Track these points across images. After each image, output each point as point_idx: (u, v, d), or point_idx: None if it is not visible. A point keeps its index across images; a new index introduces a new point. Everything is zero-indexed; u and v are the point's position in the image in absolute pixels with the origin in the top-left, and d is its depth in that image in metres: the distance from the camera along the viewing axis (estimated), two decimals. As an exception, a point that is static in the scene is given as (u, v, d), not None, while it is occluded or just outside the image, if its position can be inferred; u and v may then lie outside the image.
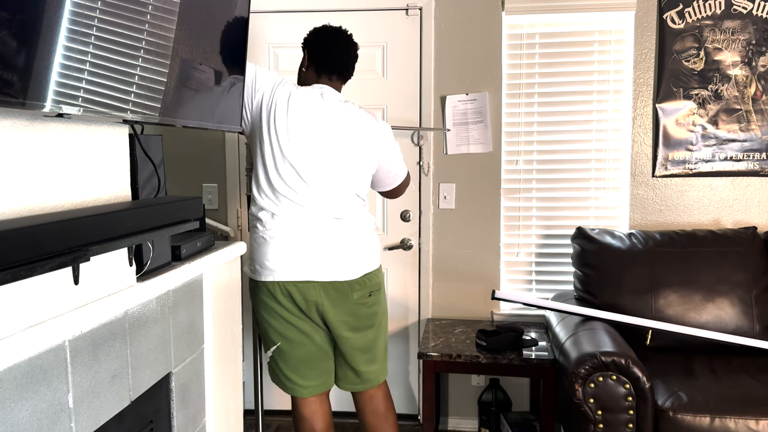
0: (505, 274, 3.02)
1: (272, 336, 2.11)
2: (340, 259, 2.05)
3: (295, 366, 2.11)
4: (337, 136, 2.05)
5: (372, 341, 2.16)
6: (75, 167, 1.26)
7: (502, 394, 2.79)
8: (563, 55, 2.88)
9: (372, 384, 2.20)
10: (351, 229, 2.07)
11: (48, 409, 1.09)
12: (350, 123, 2.07)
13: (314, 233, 2.03)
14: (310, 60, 2.15)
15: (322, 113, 2.05)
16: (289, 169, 2.01)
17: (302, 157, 2.01)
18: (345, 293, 2.06)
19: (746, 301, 2.51)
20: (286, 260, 2.02)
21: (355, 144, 2.07)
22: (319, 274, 2.03)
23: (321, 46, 2.13)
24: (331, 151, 2.04)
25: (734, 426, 2.02)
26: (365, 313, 2.11)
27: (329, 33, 2.15)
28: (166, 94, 1.49)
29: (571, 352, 2.19)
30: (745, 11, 2.76)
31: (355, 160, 2.07)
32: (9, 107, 0.99)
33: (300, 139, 2.01)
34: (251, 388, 3.10)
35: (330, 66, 2.13)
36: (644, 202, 2.89)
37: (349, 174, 2.07)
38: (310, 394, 2.15)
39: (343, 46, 2.14)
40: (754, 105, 2.79)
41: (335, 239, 2.04)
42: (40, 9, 1.02)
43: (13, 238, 0.91)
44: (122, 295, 1.32)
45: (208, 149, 3.09)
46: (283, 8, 2.96)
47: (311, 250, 2.02)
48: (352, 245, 2.07)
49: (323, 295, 2.04)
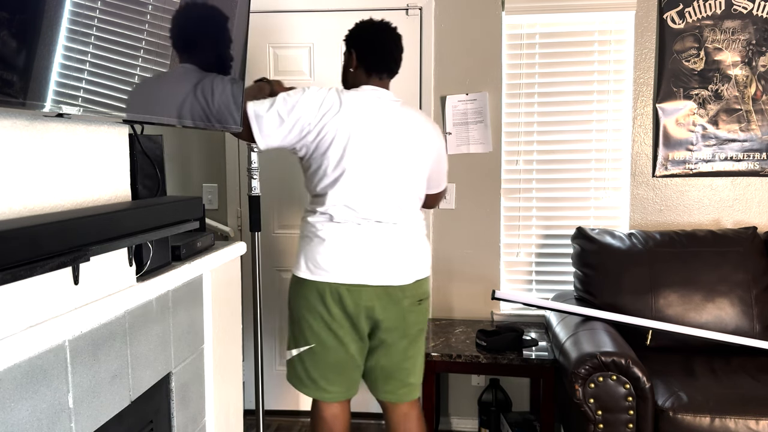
0: (505, 274, 3.02)
1: (307, 336, 2.02)
2: (393, 264, 1.98)
3: (324, 370, 2.04)
4: (398, 139, 1.98)
5: (416, 352, 2.10)
6: (75, 167, 1.26)
7: (502, 394, 2.79)
8: (563, 55, 2.88)
9: (406, 397, 2.11)
10: (406, 233, 2.01)
11: (48, 409, 1.09)
12: (408, 124, 2.00)
13: (370, 236, 1.96)
14: (359, 60, 2.03)
15: (379, 117, 1.96)
16: (348, 175, 1.93)
17: (361, 164, 1.93)
18: (397, 299, 1.99)
19: (746, 301, 2.51)
20: (341, 262, 1.95)
21: (415, 145, 2.01)
22: (372, 278, 1.96)
23: (370, 44, 2.03)
24: (392, 155, 1.97)
25: (734, 426, 2.02)
26: (413, 320, 2.04)
27: (377, 29, 2.04)
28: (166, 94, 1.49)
29: (571, 352, 2.19)
30: (745, 11, 2.76)
31: (415, 162, 2.01)
32: (9, 107, 0.99)
33: (359, 147, 1.93)
34: (251, 388, 3.10)
35: (381, 65, 2.03)
36: (644, 202, 2.89)
37: (410, 177, 2.01)
38: (333, 399, 2.09)
39: (393, 42, 2.05)
40: (754, 105, 2.79)
41: (390, 243, 1.98)
42: (40, 9, 1.02)
43: (13, 238, 0.91)
44: (122, 295, 1.32)
45: (208, 149, 3.09)
46: (283, 8, 2.96)
47: (366, 253, 1.96)
48: (406, 250, 2.01)
49: (375, 299, 1.97)
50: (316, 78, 2.98)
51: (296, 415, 3.15)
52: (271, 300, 3.11)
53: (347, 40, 2.07)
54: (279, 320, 3.13)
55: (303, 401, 3.15)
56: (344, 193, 1.95)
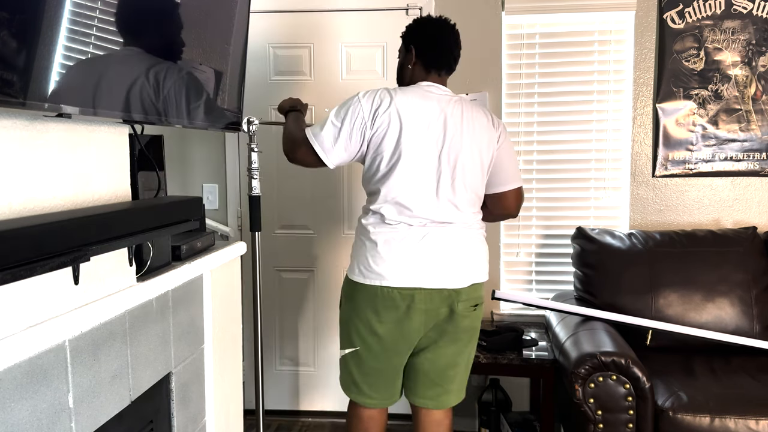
0: (505, 274, 3.02)
1: (354, 339, 1.98)
2: (448, 266, 1.91)
3: (367, 375, 2.00)
4: (452, 134, 1.92)
5: (463, 359, 2.02)
6: (75, 167, 1.26)
7: (502, 394, 2.79)
8: (563, 55, 2.88)
9: (443, 403, 2.04)
10: (462, 234, 1.94)
11: (48, 409, 1.09)
12: (465, 118, 1.94)
13: (423, 237, 1.90)
14: (418, 56, 2.00)
15: (433, 111, 1.91)
16: (400, 169, 1.89)
17: (414, 158, 1.89)
18: (451, 302, 1.92)
19: (746, 301, 2.51)
20: (393, 265, 1.89)
21: (471, 140, 1.94)
22: (426, 280, 1.89)
23: (431, 39, 2.00)
24: (447, 149, 1.91)
25: (734, 426, 2.02)
26: (466, 325, 1.97)
27: (437, 26, 2.01)
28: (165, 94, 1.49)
29: (571, 352, 2.19)
30: (745, 11, 2.76)
31: (470, 157, 1.94)
32: (9, 107, 0.99)
33: (412, 140, 1.88)
34: (251, 388, 3.10)
35: (441, 62, 2.00)
36: (644, 202, 2.89)
37: (466, 173, 1.93)
38: (374, 406, 2.04)
39: (453, 38, 2.02)
40: (754, 105, 2.79)
41: (445, 244, 1.91)
42: (40, 9, 1.02)
43: (13, 238, 0.91)
44: (122, 295, 1.32)
45: (208, 149, 3.09)
46: (283, 8, 2.96)
47: (419, 255, 1.89)
48: (461, 251, 1.93)
49: (429, 302, 1.90)
50: (316, 78, 2.98)
51: (296, 415, 3.15)
52: (271, 300, 3.11)
53: (405, 37, 2.05)
54: (279, 320, 3.13)
55: (303, 401, 3.16)
56: (396, 189, 1.89)
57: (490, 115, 2.03)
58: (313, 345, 3.12)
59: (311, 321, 3.11)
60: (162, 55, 1.46)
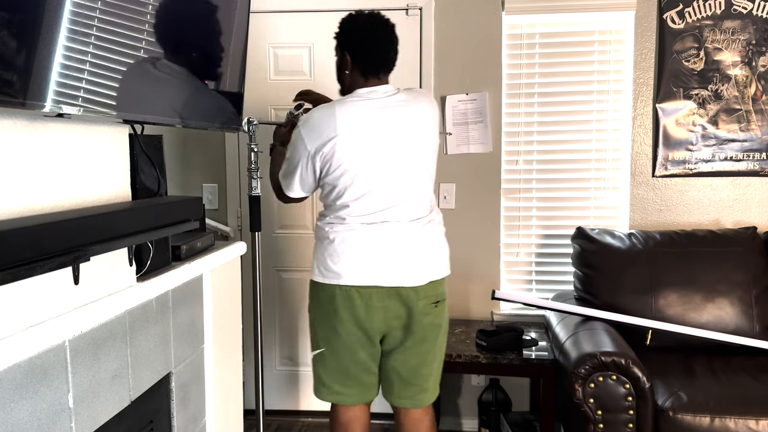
0: (505, 274, 3.02)
1: (319, 341, 2.02)
2: (405, 264, 1.92)
3: (335, 375, 2.02)
4: (398, 137, 1.91)
5: (432, 356, 2.02)
6: (75, 167, 1.26)
7: (502, 394, 2.79)
8: (563, 55, 2.88)
9: (420, 402, 2.05)
10: (419, 232, 1.95)
11: (48, 409, 1.09)
12: (407, 117, 1.93)
13: (380, 237, 1.92)
14: (354, 62, 1.94)
15: (375, 122, 1.90)
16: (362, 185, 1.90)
17: (367, 171, 1.90)
18: (410, 301, 1.93)
19: (746, 301, 2.51)
20: (350, 264, 1.91)
21: (416, 138, 1.93)
22: (382, 279, 1.91)
23: (363, 44, 1.94)
24: (394, 154, 1.91)
25: (734, 426, 2.02)
26: (428, 323, 1.97)
27: (369, 28, 1.94)
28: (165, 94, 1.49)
29: (571, 352, 2.19)
30: (745, 11, 2.76)
31: (419, 155, 1.95)
32: (9, 107, 0.99)
33: (362, 157, 1.89)
34: (251, 388, 3.10)
35: (378, 66, 1.95)
36: (644, 202, 2.89)
37: (417, 171, 1.95)
38: (348, 403, 2.05)
39: (388, 38, 1.95)
40: (754, 105, 2.79)
41: (401, 243, 1.92)
42: (40, 9, 1.02)
43: (13, 238, 0.91)
44: (122, 295, 1.32)
45: (208, 149, 3.09)
46: (283, 8, 2.96)
47: (376, 253, 1.91)
48: (419, 249, 1.94)
49: (387, 301, 1.92)
50: (316, 78, 2.98)
51: (296, 415, 3.15)
52: (271, 300, 3.11)
53: (338, 39, 1.98)
54: (279, 320, 3.13)
55: (303, 401, 3.16)
56: (352, 198, 1.92)
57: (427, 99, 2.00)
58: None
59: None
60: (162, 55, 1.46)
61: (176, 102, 1.56)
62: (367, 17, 1.95)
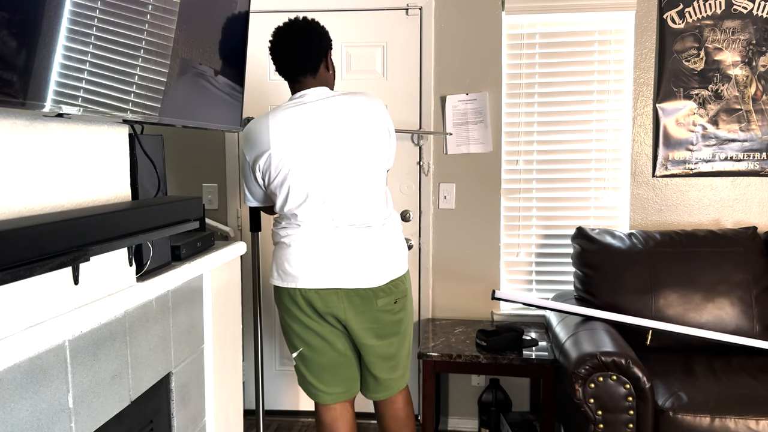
0: (505, 274, 3.02)
1: (295, 341, 2.06)
2: (363, 266, 1.96)
3: (318, 372, 2.06)
4: (334, 141, 1.93)
5: (396, 349, 2.09)
6: (75, 167, 1.25)
7: (502, 394, 2.79)
8: (563, 55, 2.88)
9: (393, 391, 2.14)
10: (375, 234, 1.98)
11: (48, 409, 1.09)
12: (341, 119, 1.93)
13: (336, 240, 1.95)
14: (277, 70, 2.02)
15: (308, 130, 1.92)
16: (302, 191, 1.94)
17: (308, 180, 1.93)
18: (369, 300, 1.98)
19: (746, 301, 2.51)
20: (308, 267, 1.95)
21: (354, 138, 1.94)
22: (341, 281, 1.95)
23: (274, 52, 1.98)
24: (333, 158, 1.93)
25: (734, 426, 2.02)
26: (390, 320, 2.03)
27: (280, 33, 1.97)
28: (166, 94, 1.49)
29: (571, 352, 2.19)
30: (746, 11, 2.76)
31: (363, 153, 1.95)
32: (9, 107, 0.99)
33: (301, 167, 1.92)
34: (251, 388, 3.10)
35: (293, 69, 1.97)
36: (644, 202, 2.89)
37: (362, 171, 1.96)
38: (332, 401, 2.10)
39: (299, 40, 1.94)
40: (754, 105, 2.79)
41: (358, 245, 1.96)
42: (40, 9, 1.02)
43: (13, 238, 0.91)
44: (122, 295, 1.32)
45: (208, 149, 3.09)
46: (282, 8, 2.96)
47: (333, 257, 1.95)
48: (376, 251, 1.98)
49: (346, 302, 1.97)
50: (316, 78, 2.97)
51: (296, 415, 3.15)
52: (271, 300, 3.11)
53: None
54: (279, 320, 3.13)
55: (303, 401, 3.16)
56: (298, 207, 1.96)
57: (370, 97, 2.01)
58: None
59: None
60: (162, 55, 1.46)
61: (176, 102, 1.56)
62: (284, 25, 1.98)
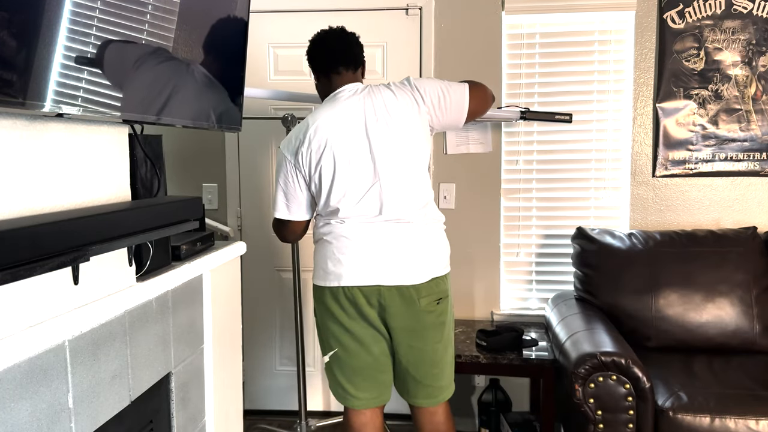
0: (505, 274, 3.02)
1: (331, 342, 2.03)
2: (405, 263, 1.93)
3: (350, 375, 2.03)
4: (379, 130, 1.93)
5: (441, 354, 2.03)
6: (75, 167, 1.25)
7: (502, 394, 2.79)
8: (563, 55, 2.88)
9: (436, 400, 2.08)
10: (416, 230, 1.96)
11: (48, 409, 1.09)
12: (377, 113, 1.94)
13: (378, 236, 1.94)
14: (313, 69, 2.09)
15: (354, 117, 1.95)
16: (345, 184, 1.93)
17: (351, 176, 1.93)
18: (411, 299, 1.94)
19: (746, 301, 2.51)
20: (351, 265, 1.93)
21: (400, 128, 1.94)
22: (384, 278, 1.92)
23: (312, 51, 2.07)
24: (380, 147, 1.93)
25: (734, 426, 2.02)
26: (432, 322, 1.98)
27: (318, 37, 2.07)
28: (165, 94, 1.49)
29: (571, 352, 2.19)
30: (746, 11, 2.76)
31: (407, 145, 1.95)
32: (9, 107, 0.99)
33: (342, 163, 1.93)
34: (251, 388, 3.10)
35: (329, 62, 2.03)
36: (644, 202, 2.89)
37: (403, 166, 1.95)
38: (363, 406, 2.06)
39: (335, 38, 2.04)
40: (754, 105, 2.79)
41: (400, 241, 1.94)
42: (40, 9, 1.02)
43: (13, 238, 0.91)
44: (122, 295, 1.32)
45: (208, 149, 3.09)
46: (283, 8, 2.96)
47: (376, 254, 1.93)
48: (418, 247, 1.95)
49: (388, 300, 1.93)
50: (316, 78, 2.97)
51: (296, 415, 3.15)
52: (272, 300, 3.11)
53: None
54: (279, 320, 3.13)
55: (303, 401, 3.15)
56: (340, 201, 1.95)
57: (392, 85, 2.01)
58: (313, 345, 3.11)
59: (311, 321, 3.11)
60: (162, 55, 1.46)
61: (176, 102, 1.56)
62: (320, 31, 2.07)
